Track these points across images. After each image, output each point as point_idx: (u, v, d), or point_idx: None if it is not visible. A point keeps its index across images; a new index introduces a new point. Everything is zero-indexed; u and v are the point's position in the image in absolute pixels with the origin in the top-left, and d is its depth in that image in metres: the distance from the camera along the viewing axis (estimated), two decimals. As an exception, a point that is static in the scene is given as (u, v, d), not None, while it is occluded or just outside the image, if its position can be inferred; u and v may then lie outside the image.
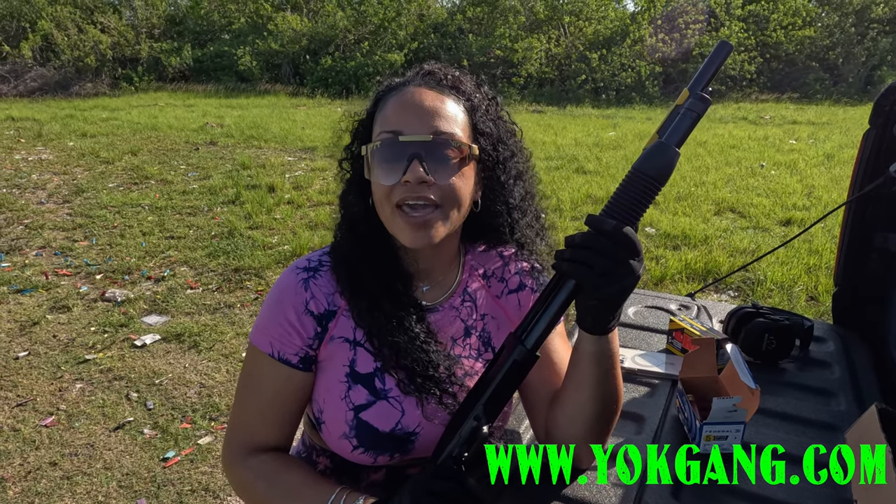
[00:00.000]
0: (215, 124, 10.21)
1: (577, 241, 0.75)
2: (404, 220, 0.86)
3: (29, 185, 6.46)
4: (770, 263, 4.22)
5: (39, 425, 2.57)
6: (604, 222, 0.74)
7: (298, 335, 0.92)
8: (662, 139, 0.77)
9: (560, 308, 0.79)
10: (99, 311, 3.61)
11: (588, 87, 14.77)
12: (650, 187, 0.75)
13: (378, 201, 0.89)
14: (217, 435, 2.52)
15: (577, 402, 0.91)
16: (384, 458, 0.93)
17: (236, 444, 0.96)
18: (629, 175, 0.76)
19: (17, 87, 14.78)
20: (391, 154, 0.86)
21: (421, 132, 0.86)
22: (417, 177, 0.84)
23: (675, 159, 0.75)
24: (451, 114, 0.89)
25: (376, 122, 0.91)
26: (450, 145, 0.86)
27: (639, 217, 0.76)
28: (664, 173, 0.75)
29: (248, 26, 17.35)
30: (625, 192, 0.76)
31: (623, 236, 0.74)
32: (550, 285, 0.80)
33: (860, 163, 1.55)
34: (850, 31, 15.10)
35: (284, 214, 5.49)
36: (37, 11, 16.44)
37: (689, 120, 0.77)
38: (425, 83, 0.91)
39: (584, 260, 0.74)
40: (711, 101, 0.79)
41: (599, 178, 6.68)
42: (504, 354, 0.80)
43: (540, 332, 0.79)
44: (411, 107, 0.87)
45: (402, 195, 0.85)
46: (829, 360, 1.46)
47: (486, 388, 0.79)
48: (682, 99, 0.78)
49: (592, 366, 0.87)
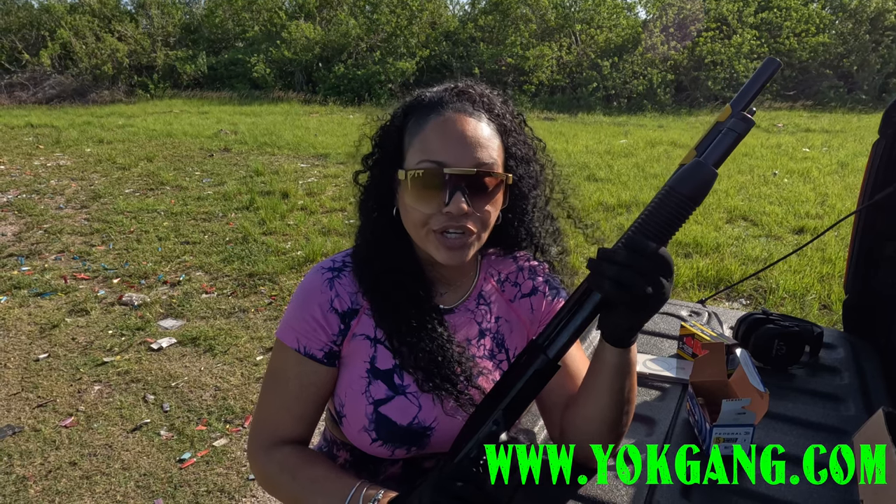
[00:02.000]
0: (229, 131, 10.33)
1: (618, 259, 0.74)
2: (440, 242, 0.90)
3: (48, 190, 6.57)
4: (783, 272, 4.21)
5: (59, 426, 2.62)
6: (646, 245, 0.74)
7: (324, 331, 0.96)
8: (700, 158, 0.74)
9: (585, 321, 0.79)
10: (116, 315, 3.67)
11: (599, 94, 14.77)
12: (685, 207, 0.73)
13: (412, 223, 0.92)
14: (232, 437, 2.55)
15: (595, 408, 0.93)
16: (401, 452, 0.97)
17: (261, 437, 0.99)
18: (664, 193, 0.74)
19: (36, 94, 15.05)
20: (434, 183, 0.88)
21: (464, 164, 0.88)
22: (460, 209, 0.87)
23: (712, 180, 0.73)
24: (489, 143, 0.91)
25: (412, 145, 0.92)
26: (490, 176, 0.90)
27: (671, 237, 0.75)
28: (700, 194, 0.73)
29: (261, 34, 17.55)
30: (658, 211, 0.74)
31: (662, 259, 0.74)
32: (576, 296, 0.80)
33: (870, 172, 1.56)
34: (864, 39, 15.01)
35: (298, 220, 5.55)
36: (56, 20, 16.76)
37: (729, 140, 0.74)
38: (463, 108, 0.92)
39: (625, 280, 0.74)
40: (755, 123, 0.76)
41: (611, 186, 6.69)
42: (525, 362, 0.81)
43: (563, 343, 0.79)
44: (454, 136, 0.89)
45: (442, 224, 0.89)
46: (838, 366, 1.47)
47: (506, 393, 0.81)
48: (724, 116, 0.75)
49: (613, 376, 0.89)
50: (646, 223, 0.75)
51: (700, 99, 14.58)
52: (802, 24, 15.29)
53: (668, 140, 9.71)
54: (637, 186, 6.65)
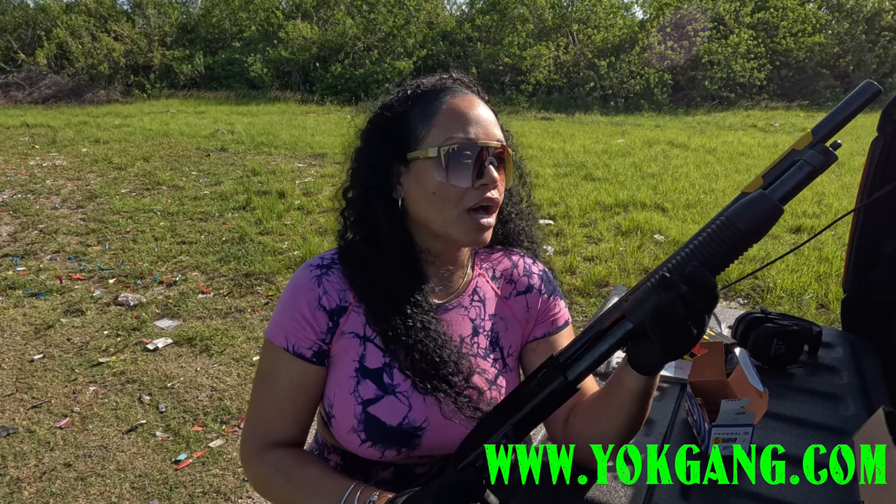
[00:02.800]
0: (226, 131, 10.31)
1: (683, 291, 0.67)
2: (474, 222, 0.91)
3: (43, 190, 6.55)
4: (780, 271, 4.21)
5: (54, 427, 2.60)
6: (707, 279, 0.67)
7: (312, 329, 0.94)
8: (766, 190, 0.66)
9: (612, 348, 0.74)
10: (112, 315, 3.65)
11: (597, 94, 14.78)
12: (741, 243, 0.66)
13: (445, 204, 0.90)
14: (228, 438, 2.54)
15: (609, 427, 0.91)
16: (391, 453, 0.95)
17: (254, 439, 0.98)
18: (720, 224, 0.66)
19: (31, 94, 15.00)
20: (468, 158, 0.89)
21: (491, 139, 0.92)
22: (495, 179, 0.90)
23: (776, 216, 0.65)
24: (498, 121, 0.96)
25: (433, 126, 0.91)
26: (506, 151, 0.94)
27: (719, 273, 0.68)
28: (760, 231, 0.65)
29: (258, 34, 17.52)
30: (711, 242, 0.67)
31: (715, 296, 0.68)
32: (608, 321, 0.74)
33: (868, 170, 1.56)
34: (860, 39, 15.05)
35: (294, 220, 5.54)
36: (52, 20, 16.71)
37: (803, 174, 0.65)
38: (469, 90, 0.97)
39: (668, 312, 0.68)
40: (837, 157, 0.66)
41: (608, 185, 6.69)
42: (542, 378, 0.77)
43: (585, 367, 0.75)
44: (474, 113, 0.92)
45: (475, 199, 0.90)
46: (837, 366, 1.47)
47: (518, 407, 0.77)
48: (803, 144, 0.67)
49: (634, 401, 0.86)
50: (697, 253, 0.68)
51: (697, 99, 14.60)
52: (799, 23, 15.32)
53: (666, 140, 9.72)
54: (634, 186, 6.65)
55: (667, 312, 0.68)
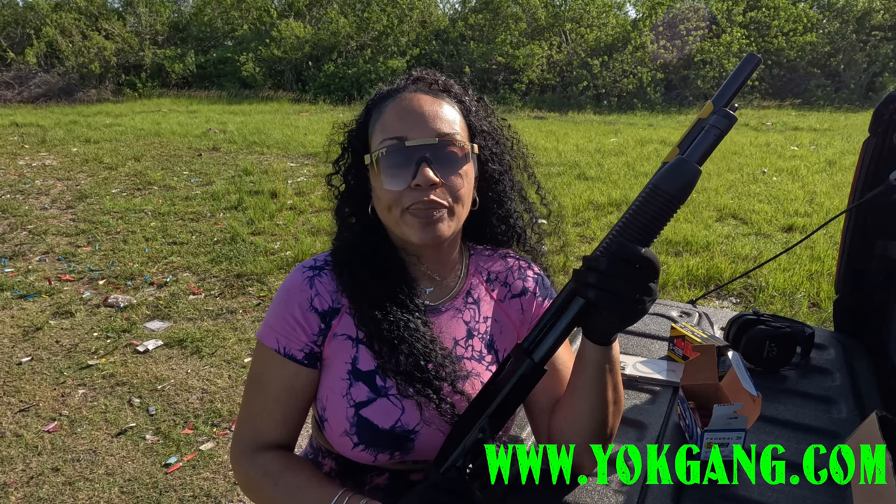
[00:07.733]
0: (218, 130, 10.25)
1: (601, 267, 0.73)
2: (413, 219, 0.89)
3: (32, 190, 6.49)
4: (772, 270, 4.22)
5: (42, 431, 2.57)
6: (630, 249, 0.72)
7: (303, 331, 0.94)
8: (684, 155, 0.74)
9: (570, 324, 0.78)
10: (102, 317, 3.62)
11: (590, 93, 14.81)
12: (669, 206, 0.72)
13: (384, 207, 0.91)
14: (219, 441, 2.52)
15: (581, 408, 0.91)
16: (384, 457, 0.94)
17: (243, 442, 0.97)
18: (647, 192, 0.73)
19: (21, 93, 14.87)
20: (398, 160, 0.88)
21: (425, 136, 0.88)
22: (427, 180, 0.86)
23: (696, 177, 0.72)
24: (449, 116, 0.92)
25: (374, 132, 0.93)
26: (453, 145, 0.89)
27: (656, 236, 0.74)
28: (684, 191, 0.72)
29: (251, 33, 17.43)
30: (642, 210, 0.73)
31: (647, 262, 0.73)
32: (561, 300, 0.79)
33: (860, 171, 1.55)
34: (851, 38, 15.14)
35: (287, 220, 5.51)
36: (41, 18, 16.56)
37: (712, 136, 0.73)
38: (419, 89, 0.94)
39: (611, 288, 0.73)
40: (737, 118, 0.76)
41: (601, 185, 6.69)
42: (510, 367, 0.80)
43: (548, 346, 0.79)
44: (412, 112, 0.90)
45: (413, 199, 0.88)
46: (830, 368, 1.46)
47: (491, 399, 0.79)
48: (706, 112, 0.75)
49: (597, 374, 0.88)
50: (629, 224, 0.74)
51: (690, 97, 14.65)
52: (790, 23, 15.40)
53: (659, 138, 9.74)
54: (627, 185, 6.65)
55: (604, 288, 0.72)
